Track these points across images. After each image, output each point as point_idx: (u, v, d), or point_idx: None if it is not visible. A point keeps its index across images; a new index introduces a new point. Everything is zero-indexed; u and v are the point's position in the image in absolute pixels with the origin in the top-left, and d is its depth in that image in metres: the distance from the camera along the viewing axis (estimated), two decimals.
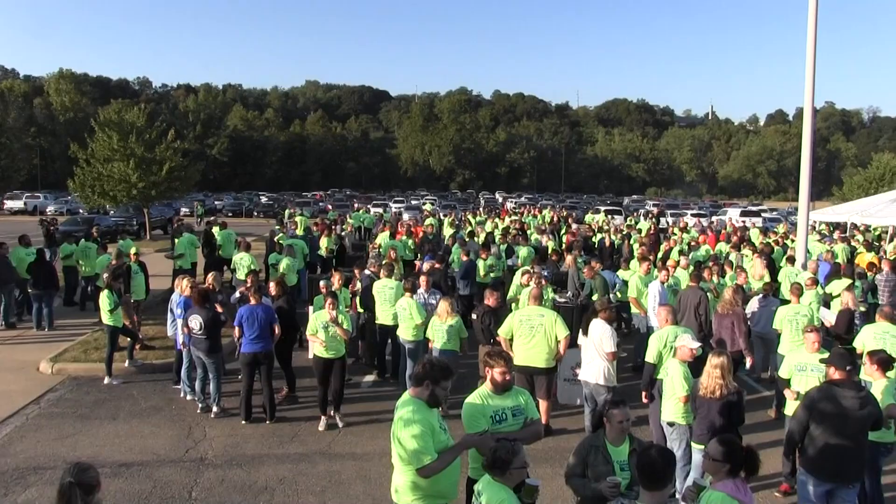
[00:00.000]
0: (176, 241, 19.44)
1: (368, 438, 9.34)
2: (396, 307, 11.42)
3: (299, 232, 24.08)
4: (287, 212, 40.42)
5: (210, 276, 12.71)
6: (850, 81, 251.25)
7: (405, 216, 37.12)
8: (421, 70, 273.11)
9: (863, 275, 16.00)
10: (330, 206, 57.40)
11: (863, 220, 29.40)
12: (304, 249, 18.99)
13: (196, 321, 10.17)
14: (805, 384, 7.68)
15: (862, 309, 14.04)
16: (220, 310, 10.66)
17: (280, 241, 19.18)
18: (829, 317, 12.04)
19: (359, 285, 13.13)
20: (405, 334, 11.16)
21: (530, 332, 9.43)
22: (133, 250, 15.82)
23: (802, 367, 7.91)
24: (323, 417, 10.05)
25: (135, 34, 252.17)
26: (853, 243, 23.44)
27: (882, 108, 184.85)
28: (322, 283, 12.09)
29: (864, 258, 18.73)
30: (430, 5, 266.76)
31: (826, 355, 7.10)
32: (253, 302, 10.34)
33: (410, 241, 21.10)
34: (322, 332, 9.91)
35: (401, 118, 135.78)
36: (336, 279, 12.34)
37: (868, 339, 9.48)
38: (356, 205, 53.74)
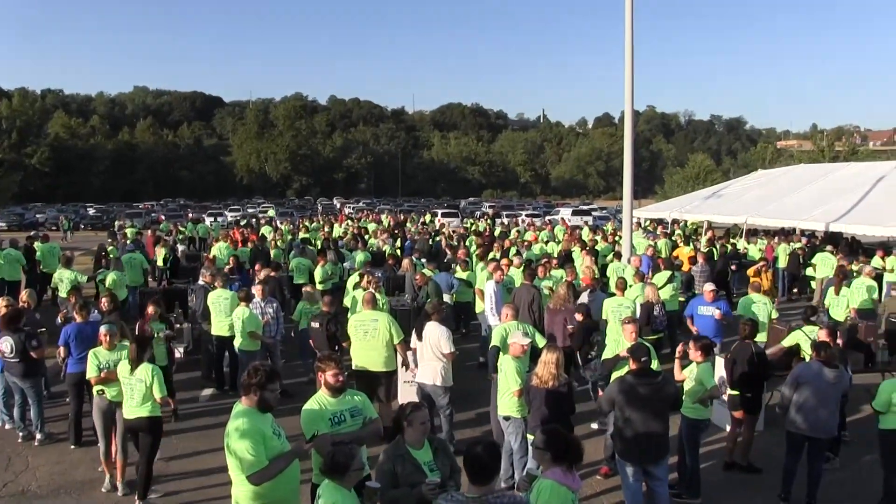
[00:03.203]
0: None
1: (209, 453, 9.09)
2: (232, 317, 11.25)
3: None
4: (117, 223, 38.56)
5: (24, 293, 11.92)
6: (668, 86, 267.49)
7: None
8: (255, 76, 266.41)
9: (679, 267, 17.14)
10: (162, 217, 55.23)
11: (682, 216, 31.47)
12: (143, 264, 18.30)
13: (7, 343, 9.47)
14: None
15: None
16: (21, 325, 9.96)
17: (111, 255, 18.34)
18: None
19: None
20: (242, 344, 11.04)
21: (365, 336, 9.53)
22: None
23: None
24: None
25: None
26: (675, 238, 25.08)
27: (696, 112, 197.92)
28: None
29: (684, 251, 20.08)
30: (261, 8, 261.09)
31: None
32: (79, 319, 9.84)
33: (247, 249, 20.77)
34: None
35: (235, 125, 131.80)
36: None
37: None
38: (190, 214, 52.05)
